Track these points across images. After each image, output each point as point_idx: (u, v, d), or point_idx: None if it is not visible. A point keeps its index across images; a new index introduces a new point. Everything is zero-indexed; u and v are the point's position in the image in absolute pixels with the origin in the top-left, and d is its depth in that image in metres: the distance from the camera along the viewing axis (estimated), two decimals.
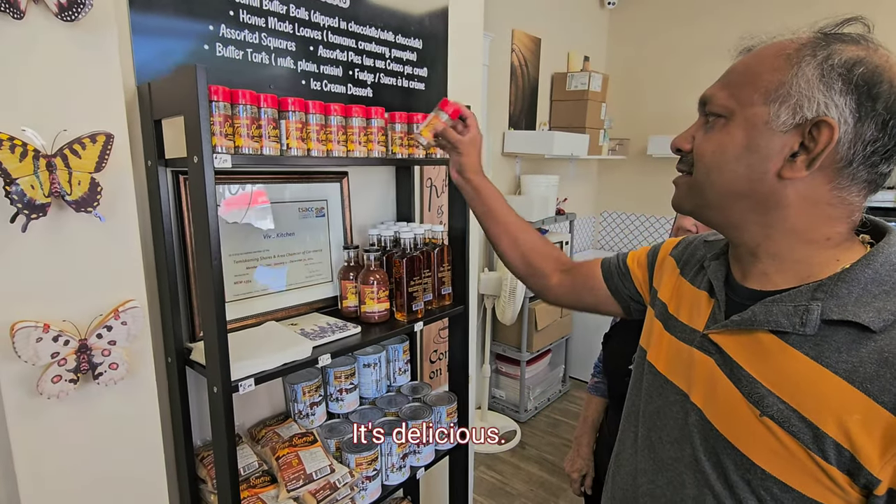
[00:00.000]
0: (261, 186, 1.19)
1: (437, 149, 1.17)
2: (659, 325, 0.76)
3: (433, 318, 1.32)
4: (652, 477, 0.69)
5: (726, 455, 0.59)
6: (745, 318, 0.59)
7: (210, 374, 0.92)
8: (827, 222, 0.57)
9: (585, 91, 3.44)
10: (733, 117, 0.58)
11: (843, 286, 0.55)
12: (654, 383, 0.73)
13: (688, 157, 0.63)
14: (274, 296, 1.24)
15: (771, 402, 0.55)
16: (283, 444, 1.16)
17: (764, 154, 0.56)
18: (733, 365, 0.60)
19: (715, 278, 0.68)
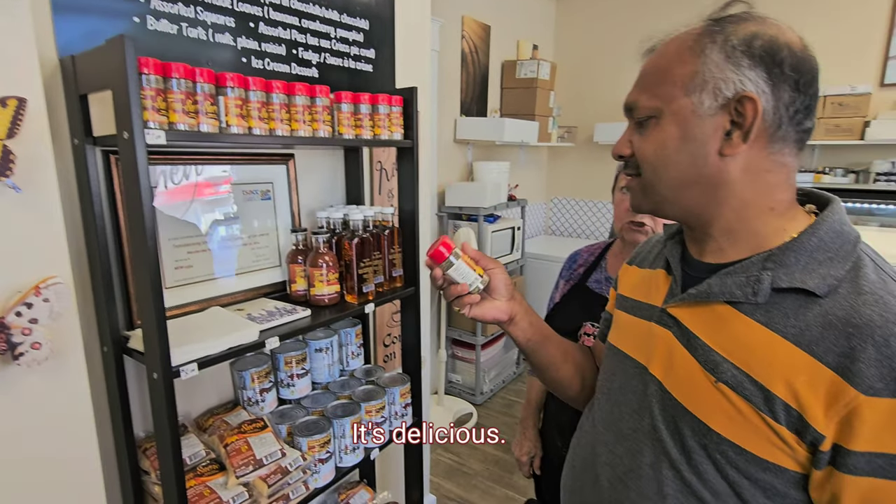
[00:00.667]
0: (208, 171, 1.15)
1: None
2: (618, 312, 0.79)
3: (384, 300, 1.32)
4: (611, 447, 0.71)
5: (684, 422, 0.61)
6: (702, 291, 0.62)
7: (149, 360, 0.88)
8: (769, 191, 0.60)
9: (534, 79, 3.50)
10: (662, 115, 0.61)
11: (791, 255, 0.58)
12: (614, 360, 0.76)
13: (631, 161, 0.66)
14: (218, 281, 1.20)
15: (725, 368, 0.58)
16: (232, 432, 1.13)
17: (701, 140, 0.59)
18: (690, 335, 0.63)
19: (671, 256, 0.71)
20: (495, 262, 0.83)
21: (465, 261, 0.77)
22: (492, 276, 0.80)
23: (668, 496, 0.62)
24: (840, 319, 0.52)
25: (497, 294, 0.81)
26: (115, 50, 0.76)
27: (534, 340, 0.86)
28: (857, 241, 0.58)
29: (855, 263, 0.56)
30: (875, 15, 3.07)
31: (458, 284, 0.78)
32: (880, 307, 0.52)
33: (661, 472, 0.63)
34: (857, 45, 3.13)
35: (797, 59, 0.56)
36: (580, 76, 4.08)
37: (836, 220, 0.59)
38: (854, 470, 0.51)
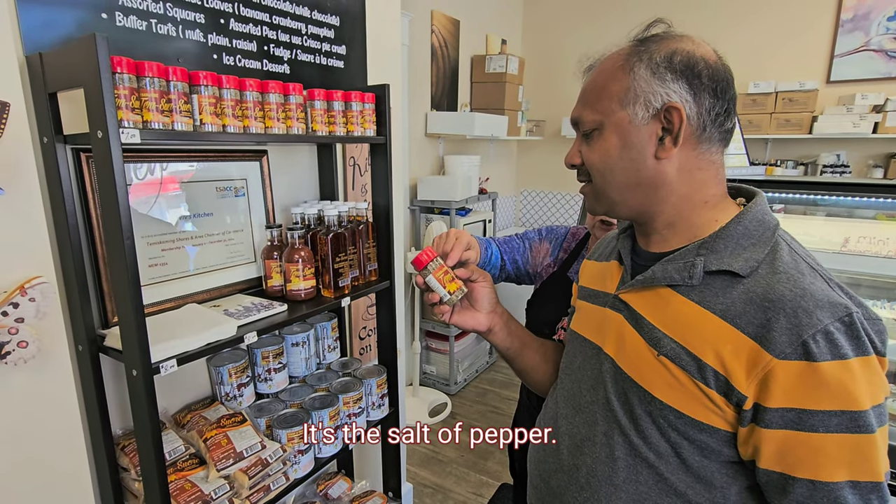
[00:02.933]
0: (173, 166, 1.15)
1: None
2: (580, 302, 0.87)
3: (360, 294, 1.35)
4: (570, 419, 0.78)
5: (632, 393, 0.68)
6: (647, 277, 0.70)
7: (128, 357, 0.89)
8: (702, 187, 0.68)
9: (503, 73, 3.55)
10: (604, 127, 0.68)
11: (721, 242, 0.66)
12: (575, 344, 0.83)
13: (582, 168, 0.73)
14: (193, 278, 1.20)
15: (665, 343, 0.65)
16: (211, 426, 1.15)
17: (638, 146, 0.66)
18: (637, 316, 0.70)
19: (623, 248, 0.79)
20: (483, 274, 0.90)
21: (436, 277, 0.85)
22: (476, 289, 0.90)
23: (619, 458, 0.70)
24: (758, 296, 0.60)
25: (479, 305, 0.91)
26: (88, 48, 0.76)
27: (513, 349, 0.94)
28: (776, 228, 0.67)
29: (773, 247, 0.64)
30: (822, 16, 3.24)
31: (431, 293, 0.87)
32: (791, 284, 0.59)
33: (613, 439, 0.70)
34: (806, 44, 3.31)
35: (712, 69, 0.64)
36: (548, 70, 4.15)
37: (759, 210, 0.67)
38: (770, 424, 0.58)
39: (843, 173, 3.29)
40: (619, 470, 0.70)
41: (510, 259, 1.35)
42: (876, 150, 3.22)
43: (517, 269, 1.36)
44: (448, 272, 0.87)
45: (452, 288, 0.86)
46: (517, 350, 0.95)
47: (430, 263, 0.86)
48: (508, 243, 1.36)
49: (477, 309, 0.90)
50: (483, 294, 0.90)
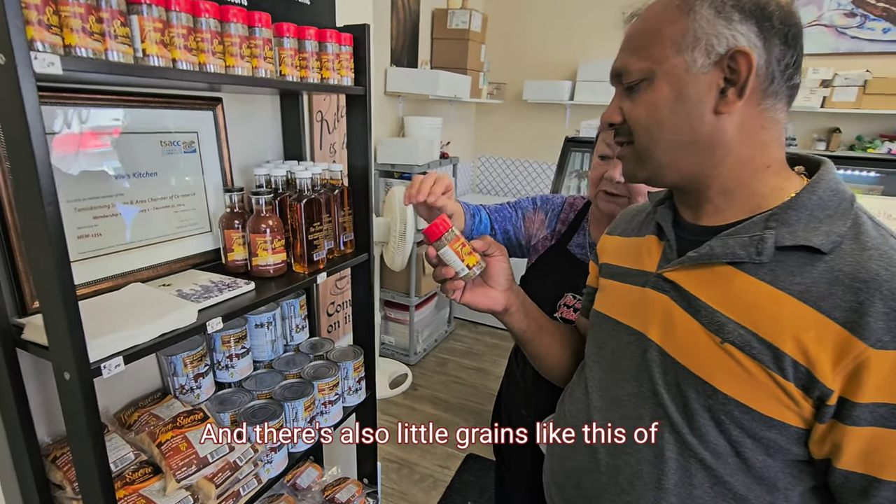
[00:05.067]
0: (104, 113, 0.91)
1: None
2: (606, 281, 0.79)
3: (336, 268, 1.19)
4: (606, 414, 0.70)
5: (688, 385, 0.61)
6: (703, 254, 0.61)
7: (57, 355, 0.70)
8: (764, 148, 0.60)
9: (466, 30, 3.35)
10: (654, 77, 0.60)
11: (793, 213, 0.58)
12: (605, 329, 0.75)
13: (623, 127, 0.65)
14: (135, 252, 0.99)
15: (731, 328, 0.57)
16: (166, 427, 0.97)
17: (695, 98, 0.58)
18: (690, 298, 0.62)
19: (663, 221, 0.70)
20: (499, 248, 0.79)
21: (453, 248, 0.73)
22: (492, 264, 0.78)
23: (669, 459, 0.62)
24: (847, 275, 0.53)
25: (494, 282, 0.80)
26: None
27: (529, 331, 0.85)
28: (854, 199, 0.60)
29: (854, 221, 0.57)
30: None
31: (445, 267, 0.75)
32: (885, 262, 0.53)
33: (662, 437, 0.63)
34: None
35: (784, 12, 0.57)
36: (510, 31, 3.97)
37: (832, 178, 0.60)
38: (858, 421, 0.52)
39: (791, 146, 3.42)
40: (668, 472, 0.63)
41: (501, 229, 1.24)
42: (821, 125, 3.36)
43: (509, 240, 1.25)
44: (465, 244, 0.75)
45: (471, 262, 0.75)
46: (534, 332, 0.86)
47: (445, 234, 0.73)
48: (500, 212, 1.25)
49: (492, 286, 0.80)
50: (499, 269, 0.79)
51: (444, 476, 2.44)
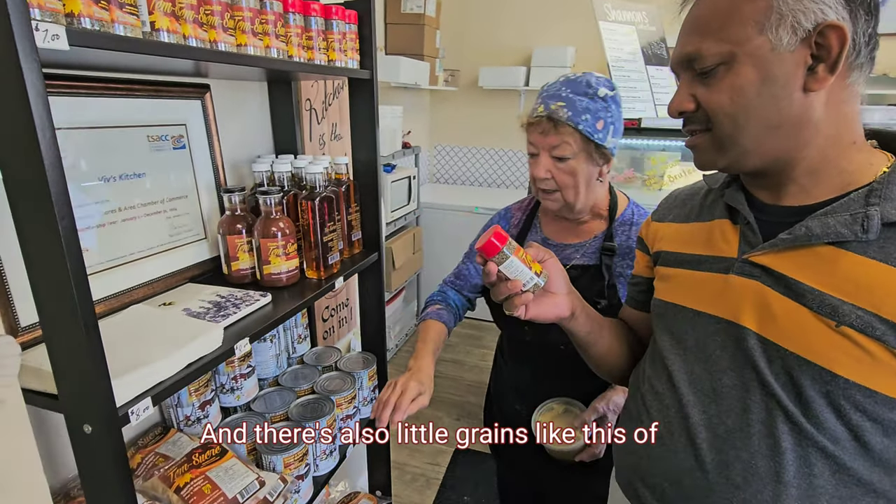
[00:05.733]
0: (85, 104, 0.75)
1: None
2: (673, 270, 0.74)
3: (351, 272, 1.08)
4: (704, 408, 0.66)
5: (802, 372, 0.58)
6: (800, 235, 0.58)
7: (73, 405, 0.56)
8: (849, 124, 0.59)
9: (421, 15, 3.23)
10: (734, 60, 0.56)
11: (895, 188, 0.56)
12: (681, 319, 0.71)
13: (696, 115, 0.62)
14: (128, 267, 0.84)
15: (847, 310, 0.55)
16: (180, 469, 0.84)
17: (783, 79, 0.55)
18: (789, 282, 0.59)
19: (738, 204, 0.67)
20: (547, 252, 0.73)
21: (519, 257, 0.67)
22: (548, 267, 0.72)
23: (787, 450, 0.59)
24: None
25: (556, 287, 0.74)
26: None
27: (593, 332, 0.80)
28: None
29: None
30: None
31: (510, 281, 0.68)
32: None
33: (776, 427, 0.60)
34: None
35: None
36: (463, 16, 3.89)
37: None
38: None
39: None
40: (786, 464, 0.60)
41: (469, 288, 1.20)
42: None
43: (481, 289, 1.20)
44: (525, 251, 0.69)
45: (537, 269, 0.69)
46: (597, 333, 0.81)
47: (506, 246, 0.66)
48: (459, 276, 1.21)
49: (554, 292, 0.73)
50: (557, 272, 0.73)
51: (437, 474, 2.39)
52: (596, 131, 0.95)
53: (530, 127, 0.98)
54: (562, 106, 0.94)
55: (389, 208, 3.00)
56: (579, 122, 0.94)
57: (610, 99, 0.97)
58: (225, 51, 0.71)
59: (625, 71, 2.06)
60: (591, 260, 1.05)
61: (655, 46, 2.21)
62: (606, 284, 1.03)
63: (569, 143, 0.95)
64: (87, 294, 0.52)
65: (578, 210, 1.03)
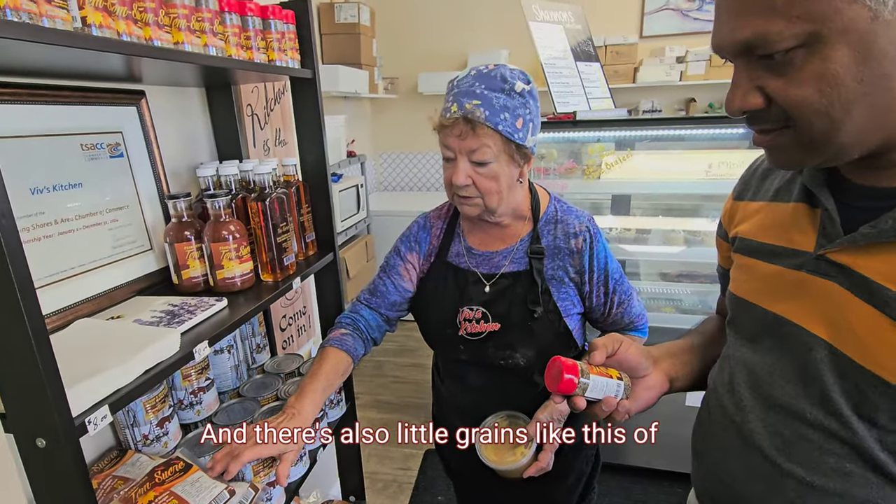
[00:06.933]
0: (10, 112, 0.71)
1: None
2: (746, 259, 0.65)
3: (308, 272, 1.08)
4: (762, 416, 0.60)
5: (877, 393, 0.49)
6: (886, 229, 0.48)
7: (21, 419, 0.53)
8: None
9: (356, 24, 3.25)
10: (819, 40, 0.43)
11: None
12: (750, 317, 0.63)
13: (767, 113, 0.49)
14: (70, 282, 0.80)
15: None
16: (142, 488, 0.80)
17: (893, 51, 0.43)
18: (872, 286, 0.49)
19: (815, 186, 0.55)
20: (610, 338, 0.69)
21: (596, 374, 0.65)
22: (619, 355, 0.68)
23: (853, 474, 0.52)
24: None
25: (641, 369, 0.70)
26: None
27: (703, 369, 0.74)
28: None
29: None
30: None
31: (603, 401, 0.66)
32: None
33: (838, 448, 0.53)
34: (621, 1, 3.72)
35: None
36: (398, 24, 3.94)
37: None
38: None
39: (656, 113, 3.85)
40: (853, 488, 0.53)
41: (387, 307, 1.09)
42: (681, 96, 3.83)
43: (400, 305, 1.09)
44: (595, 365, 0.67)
45: (615, 374, 0.67)
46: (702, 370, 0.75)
47: (581, 375, 0.64)
48: (374, 293, 1.09)
49: (642, 375, 0.70)
50: (632, 354, 0.69)
51: (408, 478, 2.37)
52: (516, 131, 0.87)
53: (444, 129, 0.90)
54: (477, 105, 0.85)
55: (339, 218, 2.97)
56: (498, 122, 0.85)
57: (527, 94, 0.89)
58: (161, 47, 0.69)
59: (557, 68, 2.16)
60: (521, 265, 0.99)
61: (583, 44, 2.33)
62: (540, 290, 0.97)
63: (489, 146, 0.86)
64: (32, 292, 0.50)
65: (500, 214, 0.96)
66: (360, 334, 1.05)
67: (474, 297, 1.00)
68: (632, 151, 2.25)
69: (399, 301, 1.09)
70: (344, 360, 0.99)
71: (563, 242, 0.99)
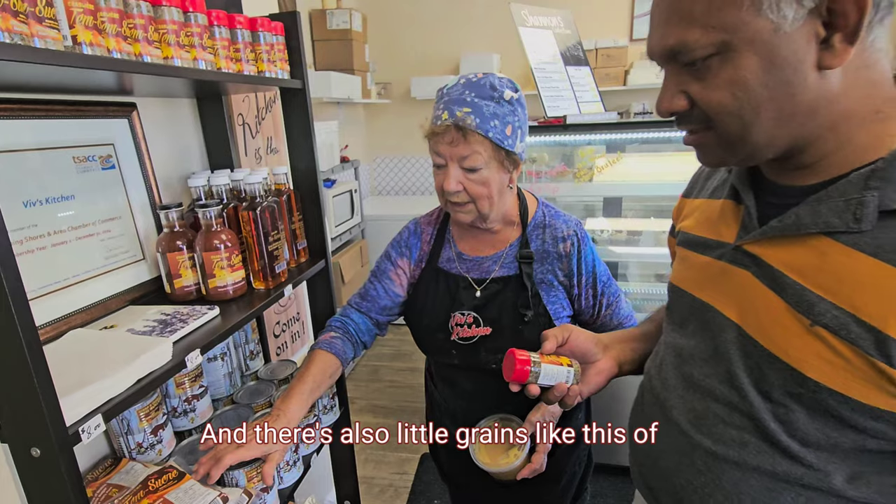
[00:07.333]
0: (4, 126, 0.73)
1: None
2: (683, 250, 0.71)
3: (300, 279, 1.09)
4: (682, 396, 0.64)
5: (773, 371, 0.54)
6: (789, 224, 0.52)
7: (16, 429, 0.54)
8: (872, 91, 0.50)
9: (348, 30, 3.27)
10: (730, 48, 0.48)
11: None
12: (682, 303, 0.68)
13: (691, 114, 0.53)
14: (63, 293, 0.81)
15: (823, 309, 0.49)
16: (136, 496, 0.81)
17: (793, 61, 0.47)
18: (776, 274, 0.54)
19: (739, 183, 0.60)
20: (560, 328, 0.75)
21: (547, 362, 0.70)
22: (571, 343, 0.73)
23: (749, 444, 0.57)
24: None
25: (590, 355, 0.76)
26: None
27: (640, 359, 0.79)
28: None
29: None
30: None
31: (555, 387, 0.71)
32: None
33: (738, 420, 0.57)
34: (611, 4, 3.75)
35: None
36: (390, 29, 3.96)
37: None
38: None
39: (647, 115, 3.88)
40: (748, 456, 0.57)
41: (377, 311, 1.10)
42: None
43: (391, 310, 1.11)
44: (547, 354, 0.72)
45: (566, 361, 0.72)
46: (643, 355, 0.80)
47: (532, 364, 0.69)
48: (365, 297, 1.10)
49: (591, 361, 0.75)
50: (582, 341, 0.75)
51: (405, 482, 2.38)
52: (506, 137, 0.89)
53: (435, 136, 0.91)
54: (468, 112, 0.87)
55: (333, 223, 2.99)
56: (489, 129, 0.87)
57: (516, 102, 0.91)
58: (151, 62, 0.71)
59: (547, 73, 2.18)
60: (511, 270, 1.01)
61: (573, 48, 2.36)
62: (530, 294, 0.98)
63: (479, 153, 0.88)
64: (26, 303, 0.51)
65: (492, 220, 0.99)
66: (349, 337, 1.06)
67: (465, 301, 1.02)
68: (622, 154, 2.27)
69: (389, 306, 1.10)
70: (332, 363, 1.00)
71: (552, 247, 1.01)
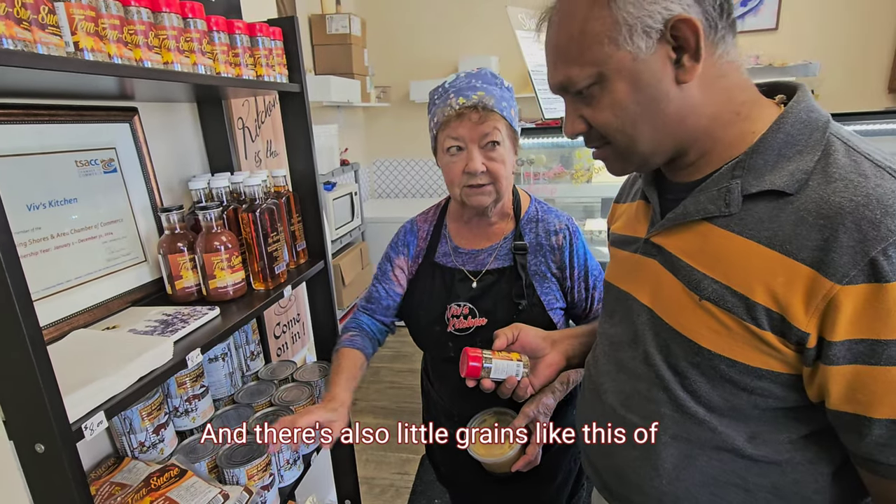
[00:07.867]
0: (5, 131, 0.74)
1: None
2: (612, 249, 0.79)
3: (299, 280, 1.10)
4: (613, 377, 0.71)
5: (676, 344, 0.61)
6: (678, 214, 0.61)
7: (21, 426, 0.56)
8: (729, 96, 0.58)
9: (347, 35, 3.29)
10: (604, 78, 0.56)
11: (759, 157, 0.56)
12: (610, 296, 0.76)
13: (591, 134, 0.62)
14: (64, 295, 0.82)
15: (706, 285, 0.57)
16: (138, 493, 0.82)
17: (654, 82, 0.55)
18: (673, 259, 0.62)
19: (645, 185, 0.70)
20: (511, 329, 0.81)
21: (498, 358, 0.77)
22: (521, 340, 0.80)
23: (665, 416, 0.63)
24: (811, 213, 0.51)
25: (538, 349, 0.82)
26: None
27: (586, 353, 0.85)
28: (828, 125, 0.56)
29: (825, 150, 0.54)
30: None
31: (506, 381, 0.77)
32: (850, 192, 0.50)
33: (656, 395, 0.64)
34: None
35: None
36: (388, 33, 3.98)
37: (803, 108, 0.57)
38: (836, 360, 0.50)
39: None
40: (667, 427, 0.64)
41: (382, 312, 1.13)
42: None
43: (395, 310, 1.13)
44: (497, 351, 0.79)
45: (516, 356, 0.79)
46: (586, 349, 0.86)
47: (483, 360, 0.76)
48: (370, 300, 1.13)
49: (540, 355, 0.82)
50: (531, 338, 0.82)
51: (405, 482, 2.39)
52: (513, 118, 0.96)
53: (452, 122, 0.92)
54: (483, 95, 0.92)
55: (334, 225, 3.00)
56: (502, 108, 0.93)
57: (512, 89, 0.99)
58: (151, 68, 0.72)
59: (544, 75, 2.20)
60: (506, 262, 1.03)
61: None
62: (524, 284, 1.01)
63: (499, 129, 0.93)
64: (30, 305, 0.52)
65: (502, 203, 1.02)
66: (366, 335, 1.11)
67: (461, 293, 1.03)
68: None
69: (392, 305, 1.13)
70: (358, 357, 1.05)
71: (545, 240, 1.03)
